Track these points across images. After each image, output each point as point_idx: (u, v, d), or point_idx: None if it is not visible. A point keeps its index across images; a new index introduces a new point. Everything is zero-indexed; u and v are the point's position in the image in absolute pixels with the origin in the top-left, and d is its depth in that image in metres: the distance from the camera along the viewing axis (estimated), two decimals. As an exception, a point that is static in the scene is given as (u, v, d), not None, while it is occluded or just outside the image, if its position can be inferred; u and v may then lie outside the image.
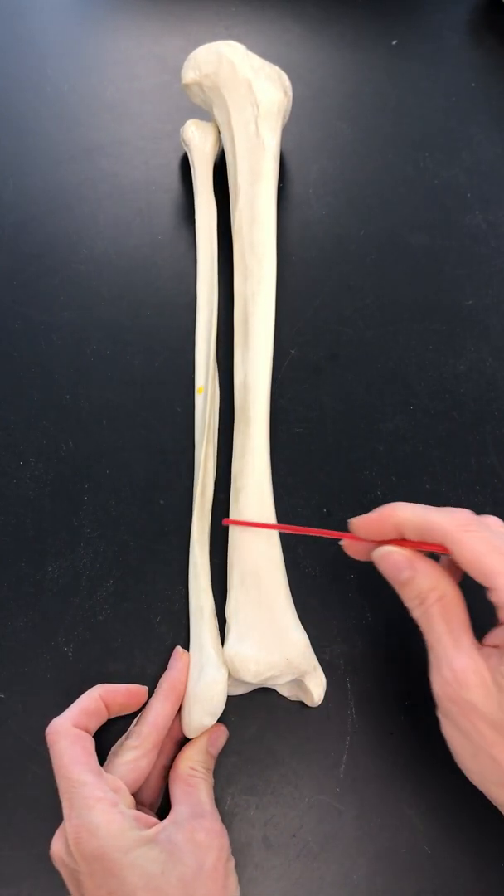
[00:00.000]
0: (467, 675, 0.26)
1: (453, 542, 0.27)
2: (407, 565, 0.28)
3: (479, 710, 0.25)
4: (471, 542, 0.26)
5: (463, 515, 0.28)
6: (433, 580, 0.28)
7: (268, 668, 0.33)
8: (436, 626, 0.27)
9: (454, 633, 0.27)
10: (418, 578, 0.28)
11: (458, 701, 0.26)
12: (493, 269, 0.48)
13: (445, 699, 0.27)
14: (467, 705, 0.26)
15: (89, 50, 0.57)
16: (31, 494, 0.40)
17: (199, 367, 0.42)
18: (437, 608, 0.27)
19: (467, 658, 0.26)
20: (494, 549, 0.26)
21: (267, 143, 0.45)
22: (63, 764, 0.29)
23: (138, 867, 0.26)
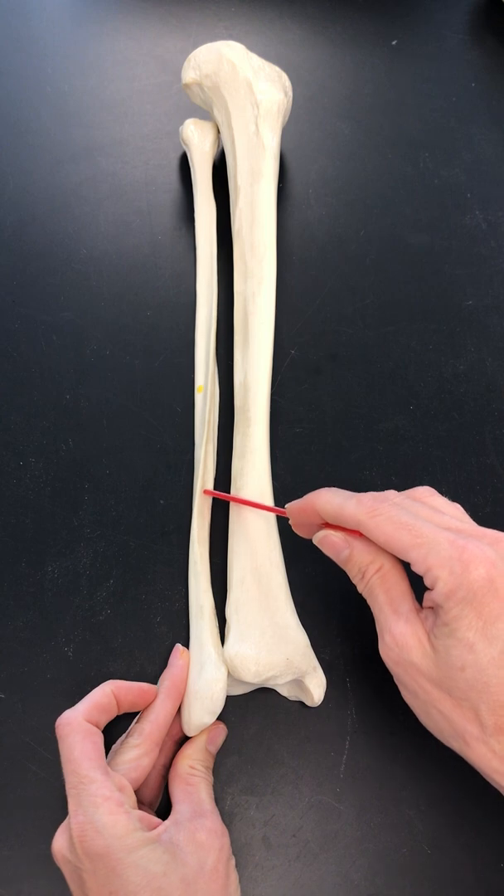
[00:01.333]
0: (406, 638, 0.27)
1: (365, 529, 0.28)
2: (344, 545, 0.30)
3: (420, 669, 0.27)
4: (379, 527, 0.28)
5: (368, 501, 0.29)
6: (370, 555, 0.29)
7: (268, 668, 0.33)
8: (377, 597, 0.29)
9: (394, 602, 0.28)
10: (356, 555, 0.30)
11: (401, 663, 0.28)
12: (493, 269, 0.48)
13: (392, 663, 0.28)
14: (410, 666, 0.27)
15: (89, 50, 0.57)
16: (31, 494, 0.40)
17: (198, 367, 0.42)
18: (376, 580, 0.29)
19: (405, 623, 0.28)
20: (401, 527, 0.27)
21: (267, 143, 0.45)
22: (73, 758, 0.29)
23: (141, 867, 0.27)
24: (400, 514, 0.28)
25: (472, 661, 0.26)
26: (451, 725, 0.27)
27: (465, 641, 0.26)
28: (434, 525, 0.27)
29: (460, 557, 0.26)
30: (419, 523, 0.27)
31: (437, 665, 0.26)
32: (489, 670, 0.25)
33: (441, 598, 0.26)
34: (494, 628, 0.25)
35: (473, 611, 0.26)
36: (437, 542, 0.27)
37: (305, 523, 0.32)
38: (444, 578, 0.26)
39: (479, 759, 0.26)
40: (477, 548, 0.26)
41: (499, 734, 0.26)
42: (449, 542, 0.26)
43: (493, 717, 0.26)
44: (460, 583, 0.26)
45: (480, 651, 0.25)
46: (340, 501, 0.30)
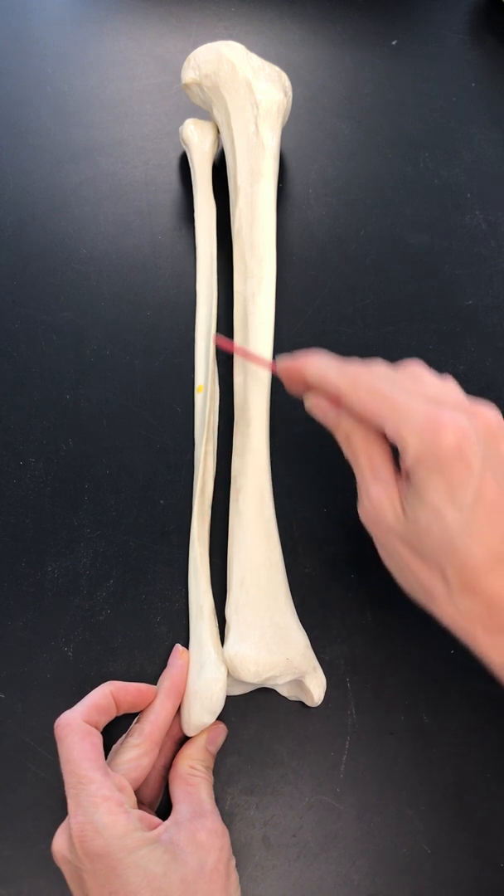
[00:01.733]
0: (381, 501, 0.28)
1: (344, 398, 0.29)
2: (333, 411, 0.31)
3: (393, 530, 0.28)
4: (357, 396, 0.29)
5: (351, 370, 0.30)
6: (356, 421, 0.30)
7: (268, 669, 0.33)
8: (360, 461, 0.30)
9: (374, 467, 0.29)
10: (344, 422, 0.30)
11: (378, 524, 0.29)
12: (493, 269, 0.48)
13: (369, 524, 0.30)
14: (385, 527, 0.29)
15: (89, 50, 0.57)
16: (31, 494, 0.40)
17: (198, 367, 0.42)
18: (360, 446, 0.30)
19: (382, 487, 0.29)
20: (378, 396, 0.28)
21: (267, 143, 0.45)
22: (72, 759, 0.29)
23: (142, 867, 0.27)
24: (378, 384, 0.28)
25: (438, 526, 0.26)
26: (420, 585, 0.28)
27: (433, 506, 0.26)
28: (412, 395, 0.28)
29: (431, 426, 0.26)
30: (396, 393, 0.28)
31: (408, 528, 0.28)
32: (455, 534, 0.26)
33: (411, 464, 0.27)
34: (461, 494, 0.26)
35: (441, 477, 0.26)
36: (411, 411, 0.27)
37: (295, 382, 0.33)
38: (415, 445, 0.27)
39: (446, 616, 0.28)
40: (449, 416, 0.27)
41: (464, 592, 0.27)
42: (422, 410, 0.27)
43: (458, 578, 0.27)
44: (429, 450, 0.26)
45: (447, 516, 0.26)
46: (325, 368, 0.30)
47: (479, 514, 0.26)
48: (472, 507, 0.26)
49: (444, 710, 0.35)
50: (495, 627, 0.27)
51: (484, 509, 0.26)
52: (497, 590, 0.26)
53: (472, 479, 0.26)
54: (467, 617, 0.27)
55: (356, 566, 0.38)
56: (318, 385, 0.31)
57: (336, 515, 0.40)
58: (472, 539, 0.26)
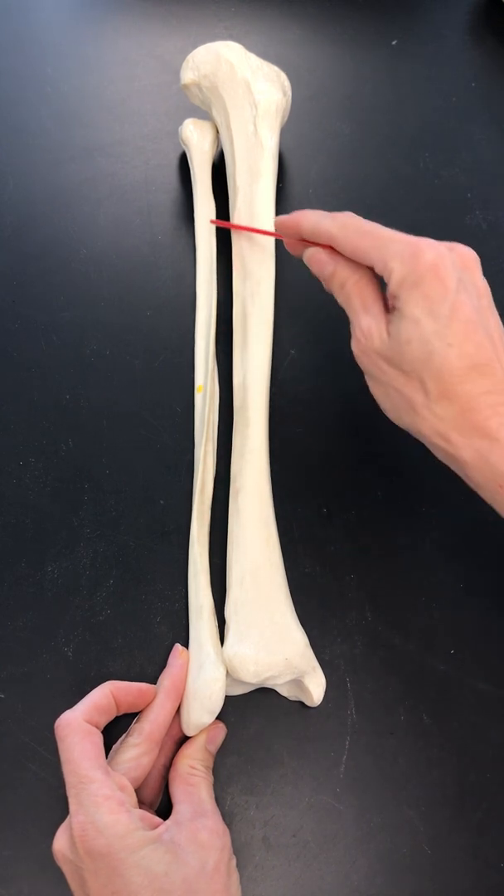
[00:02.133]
0: (370, 329, 0.31)
1: (335, 240, 0.32)
2: (329, 261, 0.33)
3: (379, 353, 0.31)
4: (346, 237, 0.31)
5: (342, 218, 0.32)
6: (349, 268, 0.32)
7: (267, 669, 0.33)
8: (353, 302, 0.32)
9: (365, 304, 0.32)
10: (339, 270, 0.33)
11: (367, 352, 0.31)
12: (494, 269, 0.48)
13: (360, 354, 0.32)
14: (372, 352, 0.31)
15: (89, 50, 0.57)
16: (31, 494, 0.40)
17: (198, 367, 0.42)
18: (354, 289, 0.32)
19: (371, 318, 0.31)
20: (365, 234, 0.31)
21: (266, 143, 0.45)
22: (72, 759, 0.29)
23: (143, 867, 0.27)
24: (365, 224, 0.31)
25: (416, 335, 0.29)
26: (402, 399, 0.31)
27: (412, 318, 0.29)
28: (396, 232, 0.31)
29: (412, 251, 0.29)
30: (381, 230, 0.31)
31: (391, 344, 0.30)
32: (432, 341, 0.29)
33: (395, 287, 0.30)
34: (438, 307, 0.29)
35: (419, 292, 0.29)
36: (395, 241, 0.30)
37: (294, 240, 0.35)
38: (397, 269, 0.29)
39: (424, 424, 0.31)
40: (427, 243, 0.30)
41: (440, 400, 0.30)
42: (403, 240, 0.30)
43: (436, 384, 0.29)
44: (410, 269, 0.29)
45: (424, 325, 0.29)
46: (318, 217, 0.33)
47: (454, 326, 0.29)
48: (448, 318, 0.29)
49: (444, 710, 0.35)
50: (469, 428, 0.29)
51: (459, 322, 0.29)
52: (471, 394, 0.29)
53: (448, 296, 0.29)
54: (443, 422, 0.30)
55: (356, 566, 0.38)
56: (313, 233, 0.33)
57: (336, 515, 0.40)
58: (448, 347, 0.29)
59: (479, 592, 0.38)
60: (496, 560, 0.39)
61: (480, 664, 0.36)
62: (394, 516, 0.40)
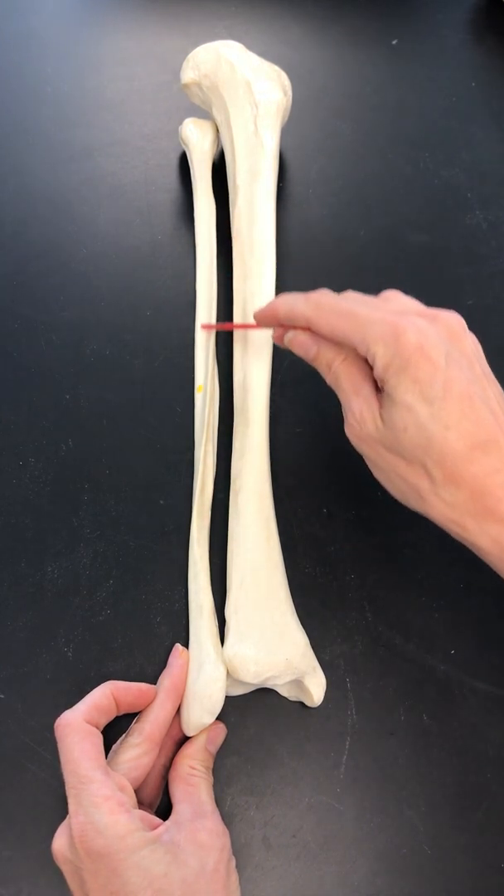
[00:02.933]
0: (363, 413, 0.30)
1: (312, 324, 0.31)
2: (311, 342, 0.32)
3: (376, 439, 0.30)
4: (322, 318, 0.31)
5: (315, 296, 0.31)
6: (335, 350, 0.31)
7: (267, 669, 0.33)
8: (342, 384, 0.31)
9: (355, 386, 0.31)
10: (323, 351, 0.32)
11: (363, 437, 0.30)
12: (493, 269, 0.48)
13: (356, 439, 0.31)
14: (369, 438, 0.30)
15: (89, 50, 0.57)
16: (31, 494, 0.40)
17: (198, 367, 0.42)
18: (341, 370, 0.31)
19: (363, 401, 0.30)
20: (342, 315, 0.30)
21: (266, 143, 0.45)
22: (72, 759, 0.29)
23: (143, 868, 0.27)
24: (340, 304, 0.30)
25: (412, 421, 0.28)
26: (408, 486, 0.30)
27: (405, 404, 0.28)
28: (373, 309, 0.30)
29: (393, 331, 0.28)
30: (357, 308, 0.30)
31: (387, 432, 0.29)
32: (428, 426, 0.28)
33: (381, 372, 0.29)
34: (429, 389, 0.28)
35: (408, 376, 0.28)
36: (373, 322, 0.29)
37: (269, 328, 0.35)
38: (381, 352, 0.28)
39: (434, 511, 0.29)
40: (408, 320, 0.28)
41: (447, 485, 0.28)
42: (382, 320, 0.29)
43: (440, 469, 0.28)
44: (394, 353, 0.28)
45: (418, 410, 0.28)
46: (292, 302, 0.32)
47: (449, 405, 0.28)
48: (441, 399, 0.27)
49: (444, 710, 0.35)
50: (482, 513, 0.28)
51: (454, 401, 0.28)
52: (478, 476, 0.27)
53: (438, 374, 0.28)
54: (454, 508, 0.28)
55: (356, 566, 0.38)
56: (289, 319, 0.32)
57: (336, 515, 0.40)
58: (446, 430, 0.27)
59: (479, 592, 0.38)
60: (496, 560, 0.39)
61: (480, 664, 0.36)
62: (394, 516, 0.40)
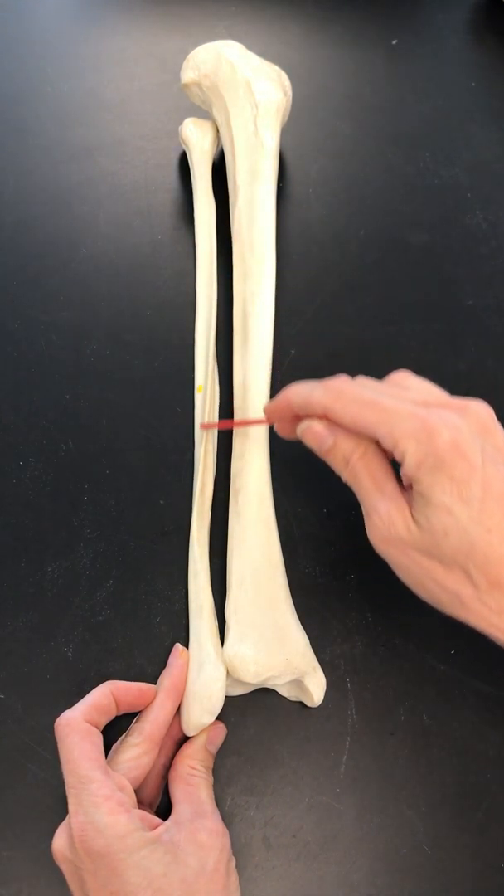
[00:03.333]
0: (391, 515, 0.28)
1: (332, 413, 0.29)
2: (327, 434, 0.30)
3: (408, 542, 0.28)
4: (344, 408, 0.28)
5: (334, 384, 0.29)
6: (352, 441, 0.29)
7: (267, 669, 0.33)
8: (362, 481, 0.29)
9: (378, 483, 0.29)
10: (339, 443, 0.30)
11: (390, 540, 0.28)
12: (493, 269, 0.48)
13: (381, 542, 0.29)
14: (399, 541, 0.28)
15: (89, 50, 0.57)
16: (31, 494, 0.40)
17: (198, 367, 0.42)
18: (360, 465, 0.29)
19: (389, 501, 0.28)
20: (365, 405, 0.28)
21: (266, 143, 0.45)
22: (72, 759, 0.29)
23: (142, 868, 0.27)
24: (363, 393, 0.28)
25: (453, 525, 0.26)
26: (446, 592, 0.28)
27: (443, 507, 0.26)
28: (398, 400, 0.28)
29: (424, 426, 0.26)
30: (383, 399, 0.28)
31: (422, 536, 0.27)
32: (471, 530, 0.26)
33: (412, 470, 0.27)
34: (468, 489, 0.26)
35: (444, 476, 0.26)
36: (401, 415, 0.27)
37: (285, 421, 0.33)
38: (412, 450, 0.26)
39: (477, 618, 0.27)
40: (439, 415, 0.27)
41: (492, 590, 0.26)
42: (412, 414, 0.27)
43: (484, 575, 0.26)
44: (427, 451, 0.26)
45: (458, 513, 0.26)
46: (308, 390, 0.30)
47: (489, 506, 0.26)
48: (481, 500, 0.26)
49: (444, 710, 0.35)
50: None
51: (493, 501, 0.26)
52: None
53: (476, 474, 0.26)
54: (501, 614, 0.27)
55: (356, 566, 0.38)
56: (305, 408, 0.30)
57: (336, 515, 0.40)
58: (488, 533, 0.26)
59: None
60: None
61: (480, 664, 0.36)
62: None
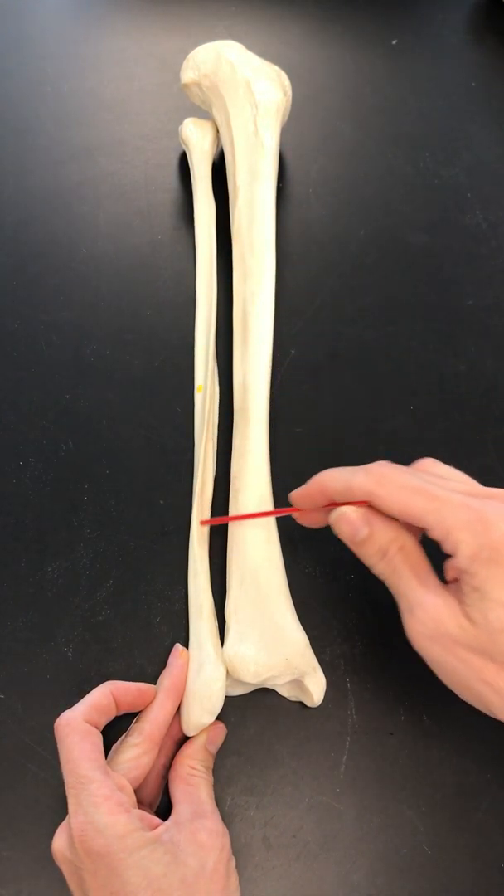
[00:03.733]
0: (439, 610, 0.26)
1: (376, 498, 0.27)
2: (363, 523, 0.29)
3: (459, 640, 0.26)
4: (391, 494, 0.27)
5: (378, 469, 0.28)
6: (391, 531, 0.28)
7: (267, 669, 0.33)
8: (402, 575, 0.28)
9: (420, 577, 0.28)
10: (377, 534, 0.28)
11: (437, 638, 0.27)
12: (493, 269, 0.48)
13: (425, 640, 0.27)
14: (447, 639, 0.26)
15: (89, 50, 0.57)
16: (31, 494, 0.40)
17: (198, 367, 0.42)
18: (400, 557, 0.28)
19: (435, 595, 0.27)
20: (415, 492, 0.27)
21: (266, 143, 0.45)
22: (72, 759, 0.29)
23: (142, 868, 0.27)
24: (411, 480, 0.27)
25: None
26: (499, 694, 0.26)
27: (500, 601, 0.25)
28: (446, 489, 0.27)
29: (479, 518, 0.26)
30: (432, 487, 0.27)
31: (477, 632, 0.26)
32: None
33: (466, 562, 0.26)
34: None
35: (501, 569, 0.25)
36: (453, 505, 0.26)
37: (312, 510, 0.31)
38: (467, 541, 0.25)
39: None
40: (493, 508, 0.26)
41: None
42: (464, 504, 0.26)
43: None
44: (483, 543, 0.25)
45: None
46: (348, 475, 0.29)
47: None
48: None
49: (444, 710, 0.35)
50: None
51: None
52: None
53: None
54: None
55: (356, 566, 0.38)
56: (343, 494, 0.29)
57: (336, 515, 0.40)
58: None
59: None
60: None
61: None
62: (394, 516, 0.40)
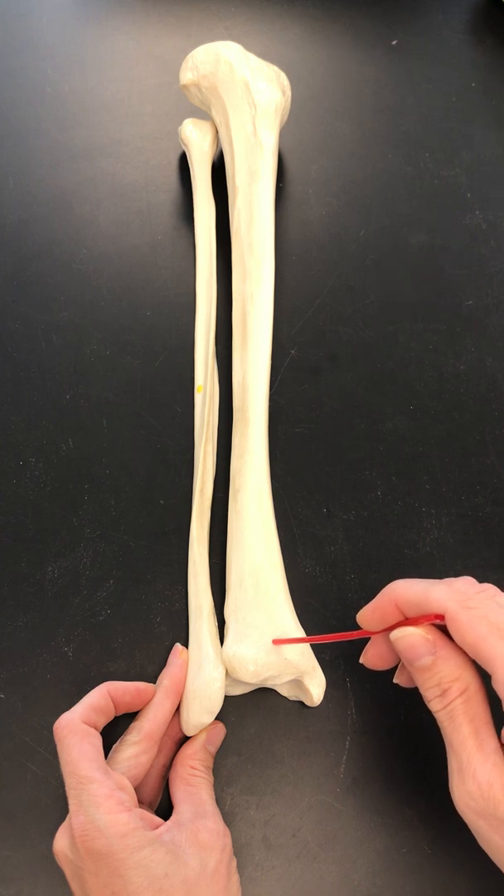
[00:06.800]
0: (494, 790, 0.23)
1: (453, 620, 0.24)
2: (428, 650, 0.25)
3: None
4: (470, 623, 0.24)
5: (463, 587, 0.25)
6: (457, 668, 0.25)
7: (266, 669, 0.33)
8: (460, 728, 0.25)
9: (479, 736, 0.24)
10: (440, 665, 0.25)
11: (487, 817, 0.23)
12: (493, 269, 0.48)
13: (472, 813, 0.24)
14: (498, 822, 0.23)
15: (89, 50, 0.57)
16: (31, 494, 0.40)
17: (198, 367, 0.42)
18: (460, 704, 0.25)
19: (493, 767, 0.23)
20: (495, 631, 0.24)
21: (265, 143, 0.45)
22: (71, 760, 0.29)
23: (143, 868, 0.27)
24: (494, 614, 0.24)
25: None
26: None
27: None
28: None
29: None
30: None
31: None
32: None
33: None
34: None
35: None
36: None
37: (383, 630, 0.28)
38: None
39: None
40: None
41: None
42: None
43: None
44: None
45: None
46: (425, 586, 0.26)
47: None
48: None
49: (444, 710, 0.35)
50: None
51: None
52: None
53: None
54: None
55: (356, 566, 0.38)
56: (418, 606, 0.26)
57: (336, 515, 0.40)
58: None
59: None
60: (497, 559, 0.39)
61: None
62: (394, 516, 0.40)
